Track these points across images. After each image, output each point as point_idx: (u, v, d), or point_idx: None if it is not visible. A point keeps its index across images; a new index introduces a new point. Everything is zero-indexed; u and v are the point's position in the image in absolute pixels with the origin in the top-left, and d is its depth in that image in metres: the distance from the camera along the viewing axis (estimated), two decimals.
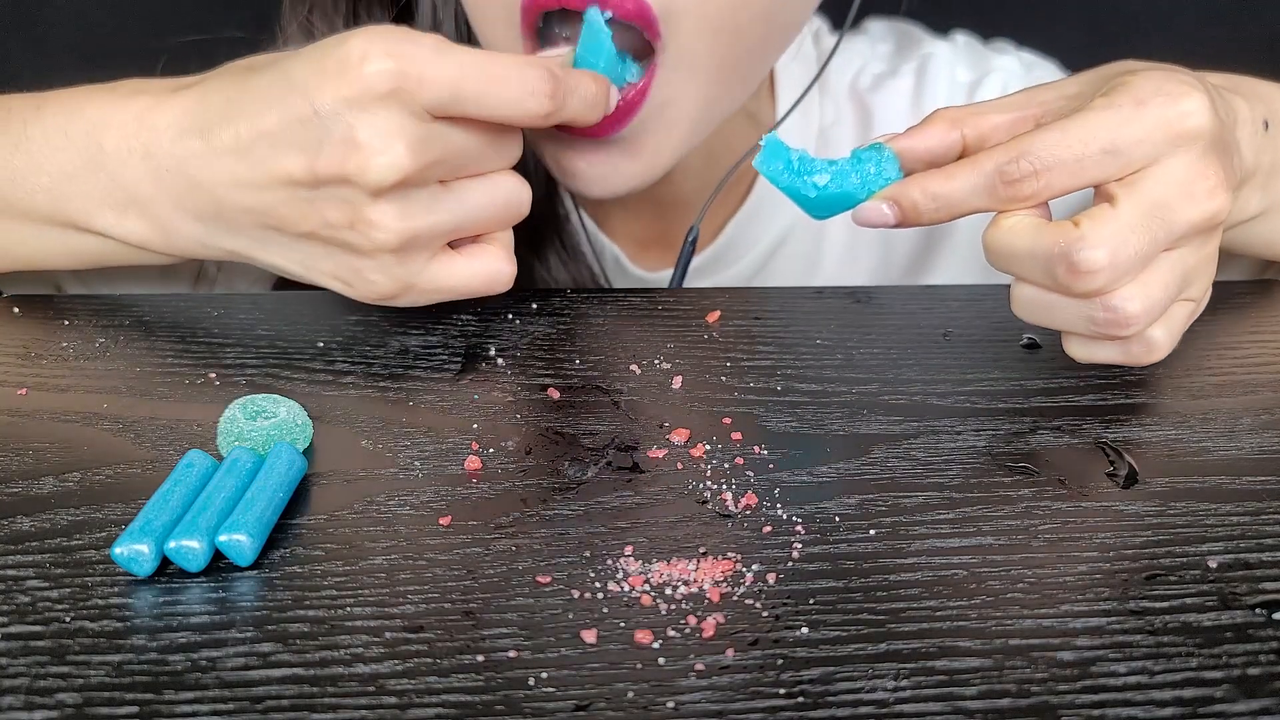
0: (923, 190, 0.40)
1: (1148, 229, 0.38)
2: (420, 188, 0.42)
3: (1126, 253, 0.38)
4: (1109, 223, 0.38)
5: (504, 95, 0.41)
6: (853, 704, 0.30)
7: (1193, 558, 0.35)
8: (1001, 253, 0.40)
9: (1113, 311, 0.38)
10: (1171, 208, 0.38)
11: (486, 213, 0.44)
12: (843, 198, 0.42)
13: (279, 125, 0.41)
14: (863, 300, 0.50)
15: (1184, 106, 0.39)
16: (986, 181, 0.39)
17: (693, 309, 0.49)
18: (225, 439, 0.39)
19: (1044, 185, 0.39)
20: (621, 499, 0.38)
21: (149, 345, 0.46)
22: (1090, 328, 0.39)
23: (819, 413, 0.42)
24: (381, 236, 0.41)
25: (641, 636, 0.32)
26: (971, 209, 0.40)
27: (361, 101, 0.40)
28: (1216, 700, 0.30)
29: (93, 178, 0.45)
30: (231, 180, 0.42)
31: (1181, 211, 0.38)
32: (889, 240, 0.64)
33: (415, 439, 0.41)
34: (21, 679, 0.31)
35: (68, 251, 0.48)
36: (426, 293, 0.44)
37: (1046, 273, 0.39)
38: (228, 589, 0.34)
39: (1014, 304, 0.41)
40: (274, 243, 0.44)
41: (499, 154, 0.44)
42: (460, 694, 0.30)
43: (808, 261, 0.64)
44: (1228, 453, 0.40)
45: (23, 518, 0.37)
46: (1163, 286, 0.39)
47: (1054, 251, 0.38)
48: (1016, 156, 0.39)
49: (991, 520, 0.37)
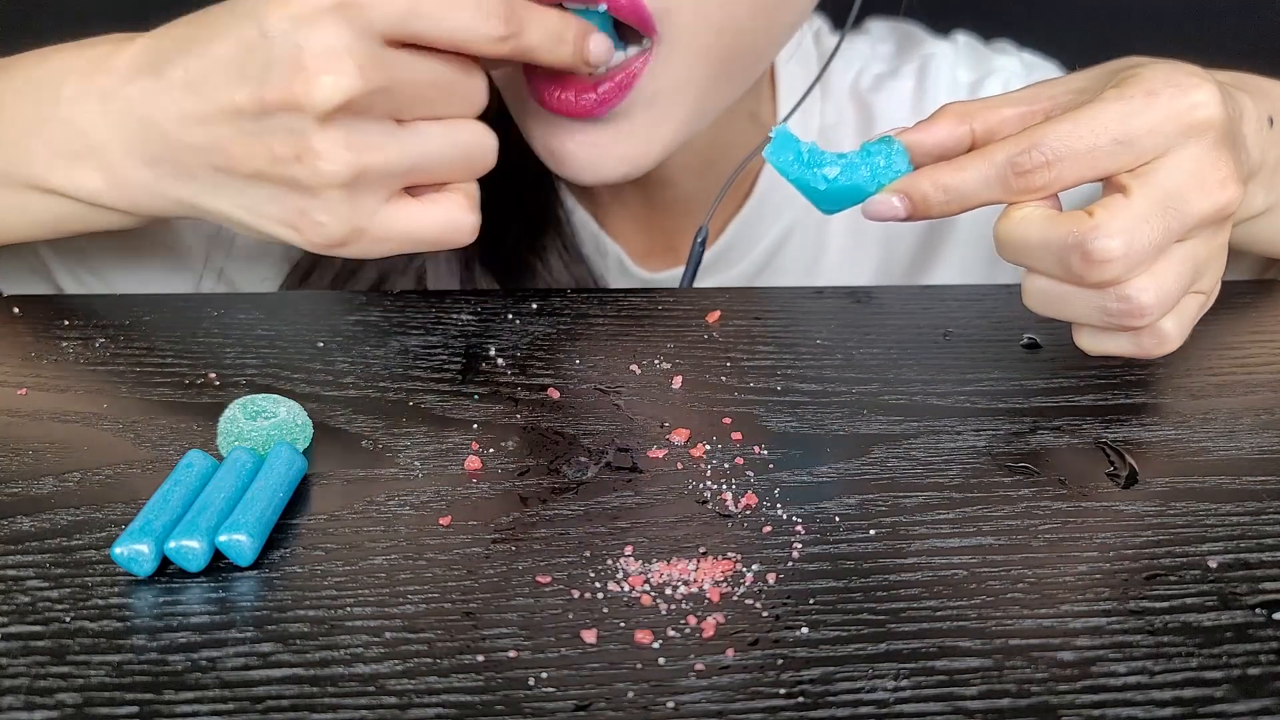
0: (933, 182, 0.40)
1: (1161, 219, 0.38)
2: (371, 120, 0.41)
3: (1141, 242, 0.37)
4: (1123, 212, 0.38)
5: (458, 16, 0.40)
6: (853, 704, 0.30)
7: (1193, 558, 0.35)
8: (1013, 244, 0.40)
9: (1127, 302, 0.38)
10: (1184, 198, 0.38)
11: (445, 158, 0.43)
12: (852, 191, 0.42)
13: (228, 54, 0.41)
14: (863, 300, 0.50)
15: (1195, 98, 0.39)
16: (998, 173, 0.39)
17: (693, 309, 0.49)
18: (225, 439, 0.39)
19: (1056, 176, 0.39)
20: (621, 499, 0.38)
21: (149, 345, 0.46)
22: (1103, 319, 0.39)
23: (819, 413, 0.42)
24: (328, 168, 0.40)
25: (641, 636, 0.32)
26: (982, 201, 0.40)
27: (309, 18, 0.39)
28: (1216, 700, 0.30)
29: (49, 129, 0.45)
30: (179, 115, 0.42)
31: (1194, 201, 0.38)
32: (890, 240, 0.64)
33: (415, 439, 0.41)
34: (21, 679, 0.31)
35: (28, 218, 0.48)
36: (379, 240, 0.43)
37: (1060, 263, 0.38)
38: (228, 589, 0.34)
39: (1026, 296, 0.41)
40: (223, 187, 0.43)
41: (460, 96, 0.43)
42: (460, 694, 0.30)
43: (809, 261, 0.64)
44: (1228, 453, 0.40)
45: (23, 518, 0.37)
46: (1176, 277, 0.39)
47: (1068, 241, 0.38)
48: (1028, 147, 0.38)
49: (991, 520, 0.37)
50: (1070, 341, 0.46)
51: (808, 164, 0.42)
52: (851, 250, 0.64)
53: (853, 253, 0.64)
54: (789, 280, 0.63)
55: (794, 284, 0.63)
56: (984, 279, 0.63)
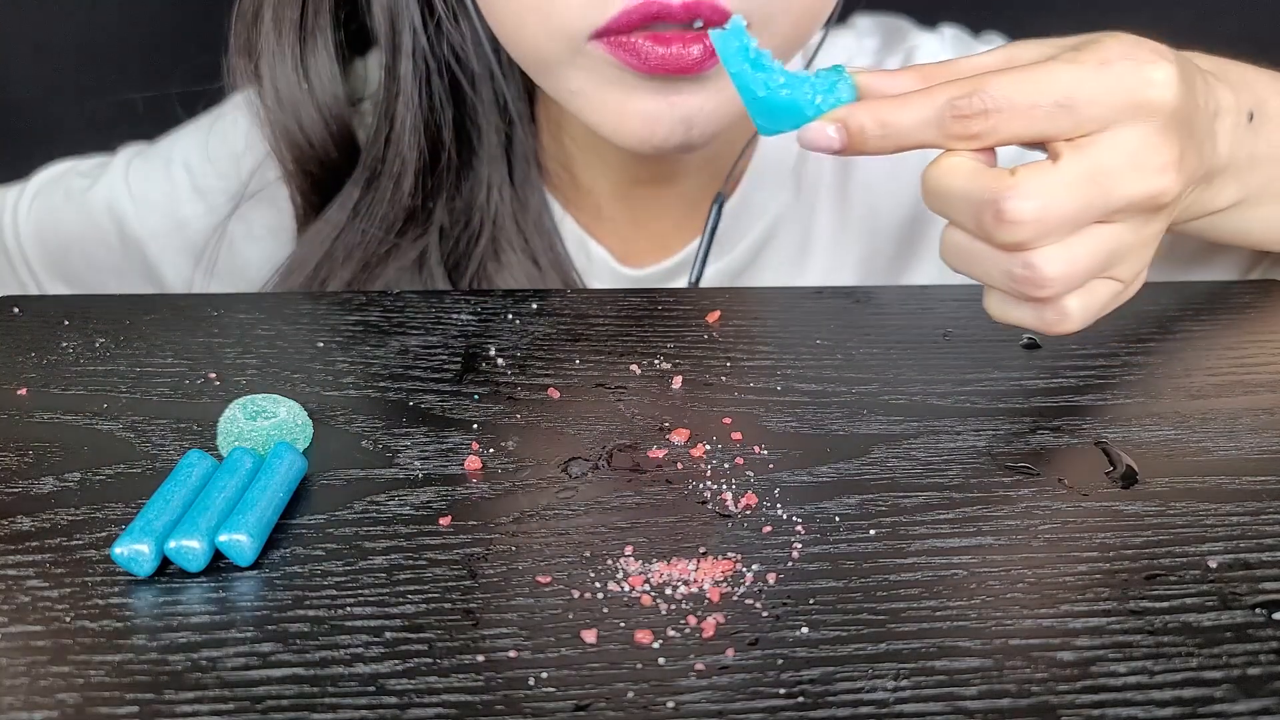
0: (872, 115, 0.39)
1: (1085, 192, 0.37)
2: None
3: (1056, 210, 0.37)
4: (1045, 176, 0.37)
5: None
6: (853, 704, 0.30)
7: (1193, 558, 0.35)
8: (937, 191, 0.39)
9: (1031, 269, 0.38)
10: (1115, 177, 0.38)
11: None
12: (790, 109, 0.40)
13: None
14: (862, 300, 0.50)
15: (1149, 74, 0.38)
16: (937, 113, 0.38)
17: (693, 309, 0.49)
18: (225, 439, 0.39)
19: (992, 127, 0.38)
20: (621, 499, 0.38)
21: (149, 345, 0.46)
22: (1008, 283, 0.39)
23: (819, 413, 0.42)
24: None
25: (641, 636, 0.32)
26: (917, 142, 0.39)
27: None
28: (1216, 700, 0.30)
29: None
30: None
31: (1125, 183, 0.38)
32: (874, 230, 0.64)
33: (415, 439, 0.41)
34: (21, 679, 0.31)
35: None
36: None
37: (975, 218, 0.38)
38: (228, 589, 0.34)
39: (942, 249, 0.40)
40: None
41: None
42: (460, 694, 0.30)
43: (797, 252, 0.64)
44: (1228, 453, 0.40)
45: (23, 518, 0.37)
46: (1088, 256, 0.38)
47: (984, 197, 0.37)
48: (971, 92, 0.38)
49: (991, 520, 0.37)
50: (1070, 341, 0.46)
51: (754, 63, 0.41)
52: (838, 240, 0.64)
53: (839, 242, 0.64)
54: (777, 272, 0.63)
55: (781, 276, 0.63)
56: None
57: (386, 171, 0.57)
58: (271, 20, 0.55)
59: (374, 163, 0.57)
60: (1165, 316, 0.49)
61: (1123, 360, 0.46)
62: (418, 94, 0.55)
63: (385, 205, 0.57)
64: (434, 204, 0.58)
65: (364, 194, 0.57)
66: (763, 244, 0.63)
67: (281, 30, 0.55)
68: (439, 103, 0.56)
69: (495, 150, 0.58)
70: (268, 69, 0.56)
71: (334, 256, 0.57)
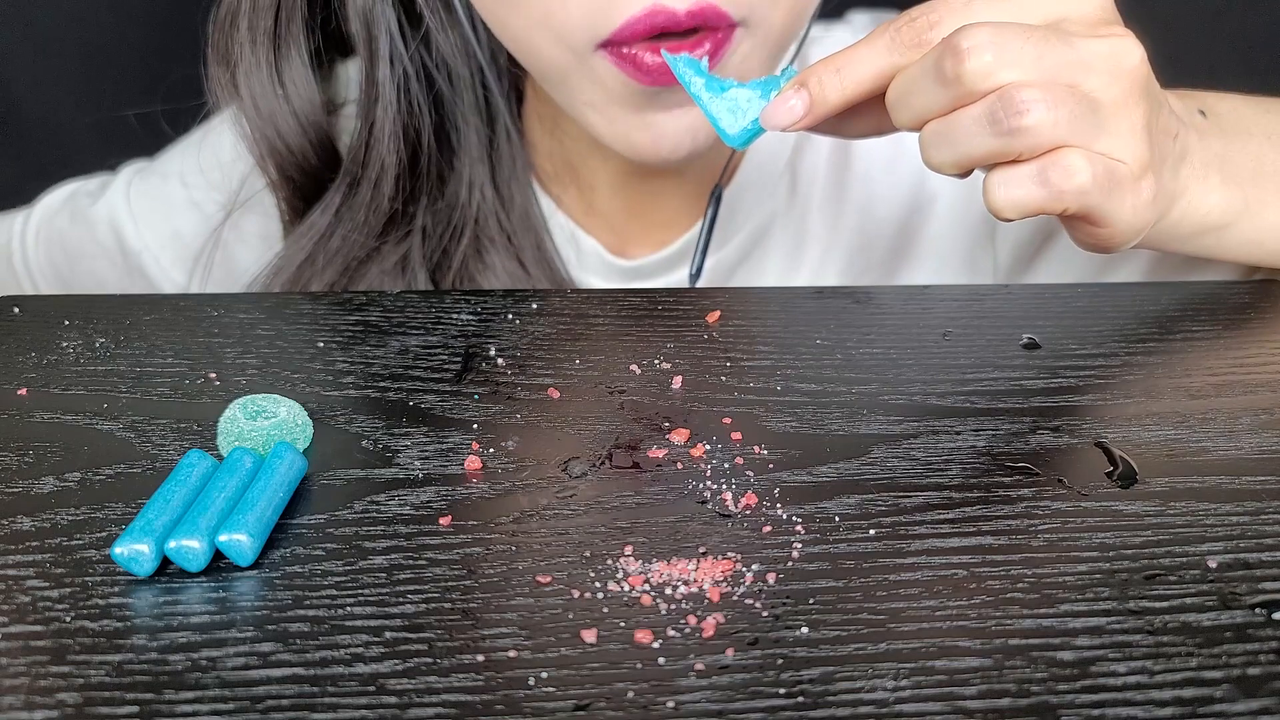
0: (825, 65, 0.40)
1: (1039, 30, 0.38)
2: None
3: (1011, 35, 0.37)
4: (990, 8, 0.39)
5: None
6: (853, 704, 0.30)
7: (1192, 558, 0.35)
8: (901, 93, 0.40)
9: (1005, 95, 0.37)
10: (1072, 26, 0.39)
11: None
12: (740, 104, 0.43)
13: None
14: (862, 300, 0.50)
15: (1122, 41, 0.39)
16: (887, 37, 0.40)
17: (693, 309, 0.49)
18: (225, 439, 0.39)
19: (938, 19, 0.39)
20: (621, 499, 0.38)
21: (149, 345, 0.46)
22: (993, 132, 0.38)
23: (819, 413, 0.42)
24: None
25: (641, 636, 0.32)
26: (876, 68, 0.40)
27: None
28: (1216, 700, 0.30)
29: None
30: None
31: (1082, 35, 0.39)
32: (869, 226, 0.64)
33: (415, 439, 0.41)
34: (21, 679, 0.31)
35: None
36: None
37: (938, 77, 0.38)
38: (228, 589, 0.34)
39: (923, 146, 0.40)
40: None
41: None
42: (460, 694, 0.30)
43: (791, 247, 0.64)
44: (1227, 453, 0.40)
45: (23, 518, 0.37)
46: (1065, 90, 0.38)
47: (939, 52, 0.38)
48: (916, 12, 0.40)
49: (991, 520, 0.37)
50: (1070, 341, 0.46)
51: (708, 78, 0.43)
52: (831, 234, 0.64)
53: (832, 239, 0.64)
54: (770, 268, 0.63)
55: (775, 269, 0.63)
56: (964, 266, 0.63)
57: (366, 177, 0.57)
58: (246, 29, 0.56)
59: (354, 168, 0.57)
60: (1165, 316, 0.49)
61: (1123, 360, 0.46)
62: (396, 99, 0.56)
63: (366, 209, 0.58)
64: (415, 207, 0.59)
65: (345, 198, 0.58)
66: (757, 239, 0.63)
67: (256, 39, 0.56)
68: (418, 108, 0.57)
69: (477, 151, 0.59)
70: (244, 78, 0.56)
71: (315, 261, 0.58)
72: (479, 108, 0.58)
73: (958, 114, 0.39)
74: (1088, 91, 0.39)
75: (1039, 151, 0.38)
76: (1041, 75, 0.38)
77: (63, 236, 0.68)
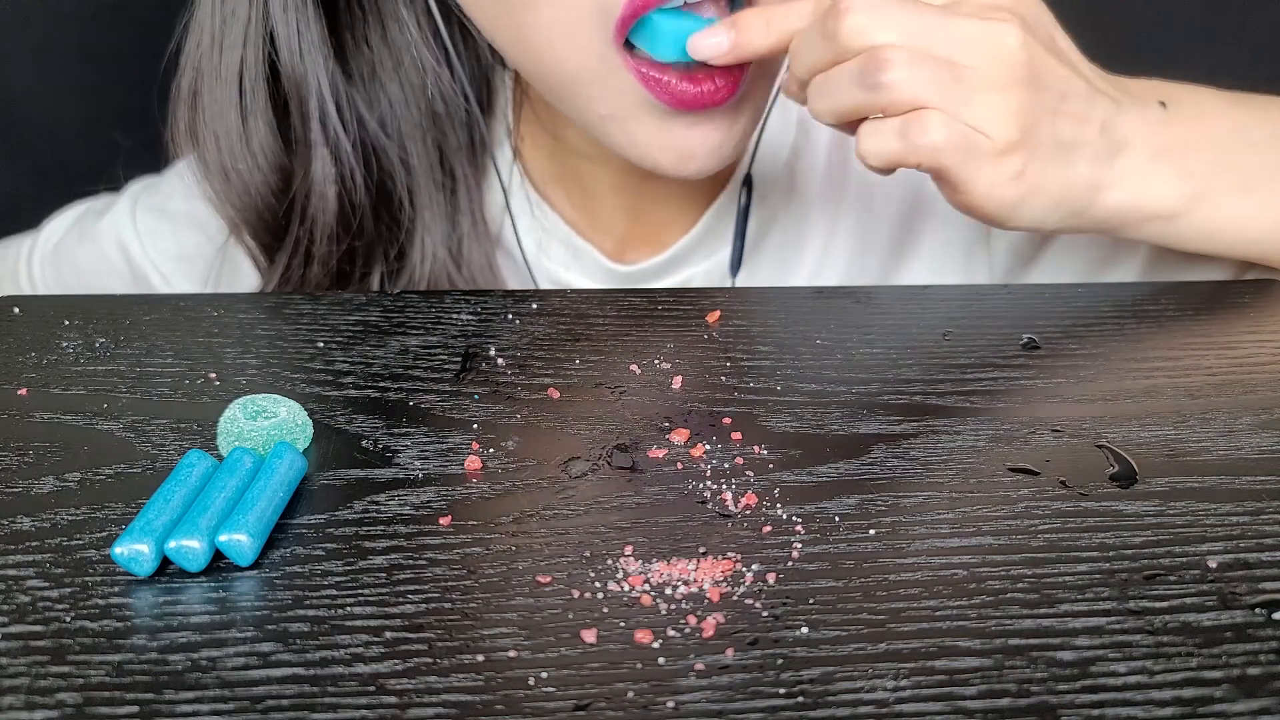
0: (759, 13, 0.46)
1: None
2: None
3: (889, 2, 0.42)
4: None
5: None
6: (853, 704, 0.30)
7: (1192, 558, 0.35)
8: (796, 44, 0.45)
9: (872, 54, 0.42)
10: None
11: None
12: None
13: None
14: (862, 300, 0.50)
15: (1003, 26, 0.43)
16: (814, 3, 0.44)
17: (693, 309, 0.49)
18: (225, 439, 0.39)
19: None
20: (621, 499, 0.38)
21: (149, 345, 0.46)
22: (861, 87, 0.42)
23: (819, 413, 0.42)
24: None
25: (641, 636, 0.32)
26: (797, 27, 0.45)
27: None
28: (1216, 700, 0.30)
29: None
30: None
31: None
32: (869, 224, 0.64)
33: (415, 439, 0.41)
34: (21, 679, 0.31)
35: None
36: None
37: (822, 34, 0.43)
38: (228, 589, 0.34)
39: (811, 99, 0.45)
40: None
41: None
42: (460, 694, 0.30)
43: (791, 246, 0.64)
44: (1227, 453, 0.40)
45: (23, 518, 0.37)
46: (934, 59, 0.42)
47: (827, 12, 0.43)
48: None
49: (991, 520, 0.37)
50: (1070, 341, 0.46)
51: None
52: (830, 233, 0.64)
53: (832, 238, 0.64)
54: (771, 268, 0.63)
55: (776, 271, 0.63)
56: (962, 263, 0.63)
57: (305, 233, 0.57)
58: (209, 103, 0.55)
59: (295, 226, 0.57)
60: (1165, 316, 0.49)
61: (1123, 360, 0.46)
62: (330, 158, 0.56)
63: (317, 269, 0.58)
64: (369, 270, 0.59)
65: (291, 260, 0.58)
66: (757, 238, 0.63)
67: (223, 110, 0.55)
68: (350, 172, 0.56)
69: (430, 214, 0.58)
70: (213, 153, 0.56)
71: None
72: (431, 167, 0.58)
73: (836, 69, 0.44)
74: (961, 65, 0.42)
75: (902, 109, 0.43)
76: (911, 41, 0.42)
77: (72, 255, 0.68)
